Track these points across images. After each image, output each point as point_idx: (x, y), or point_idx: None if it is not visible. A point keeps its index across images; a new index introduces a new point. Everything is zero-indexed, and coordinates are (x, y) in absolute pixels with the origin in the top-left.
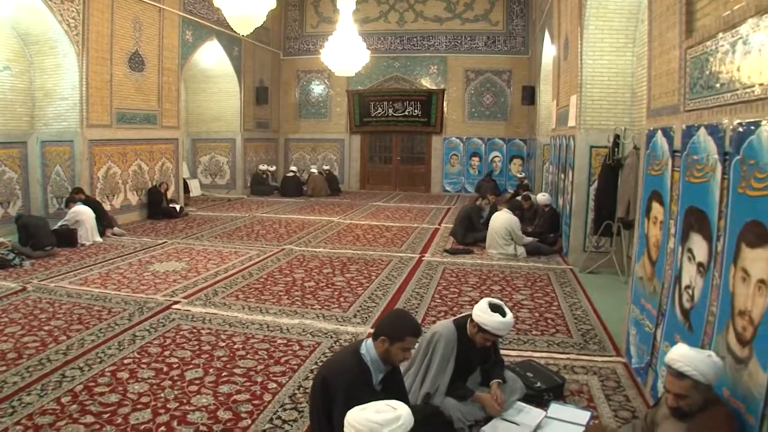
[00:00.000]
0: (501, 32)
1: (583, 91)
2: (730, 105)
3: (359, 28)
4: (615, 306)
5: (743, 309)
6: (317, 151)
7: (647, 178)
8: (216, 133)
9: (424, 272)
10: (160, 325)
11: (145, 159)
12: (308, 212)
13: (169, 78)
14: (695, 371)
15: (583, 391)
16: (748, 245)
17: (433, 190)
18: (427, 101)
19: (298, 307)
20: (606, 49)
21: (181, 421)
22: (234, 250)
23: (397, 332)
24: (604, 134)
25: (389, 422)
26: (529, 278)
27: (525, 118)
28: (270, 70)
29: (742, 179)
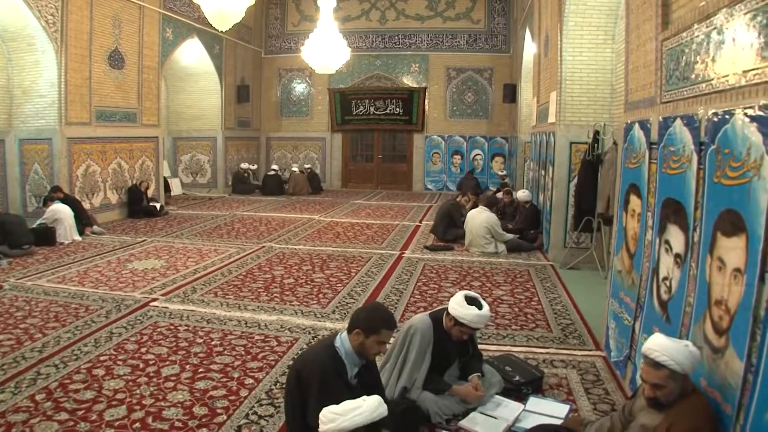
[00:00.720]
0: (482, 30)
1: (562, 88)
2: (705, 95)
3: (341, 27)
4: (595, 301)
5: (719, 298)
6: (299, 150)
7: (625, 171)
8: (197, 132)
9: (404, 269)
10: (138, 322)
11: (125, 157)
12: (289, 210)
13: (149, 76)
14: (672, 361)
15: (562, 385)
16: (723, 234)
17: (415, 188)
18: (409, 99)
19: (277, 303)
20: (585, 45)
21: (156, 417)
22: (214, 248)
23: (372, 325)
24: (584, 130)
25: (348, 411)
26: (509, 274)
27: (506, 116)
28: (251, 69)
29: (717, 168)
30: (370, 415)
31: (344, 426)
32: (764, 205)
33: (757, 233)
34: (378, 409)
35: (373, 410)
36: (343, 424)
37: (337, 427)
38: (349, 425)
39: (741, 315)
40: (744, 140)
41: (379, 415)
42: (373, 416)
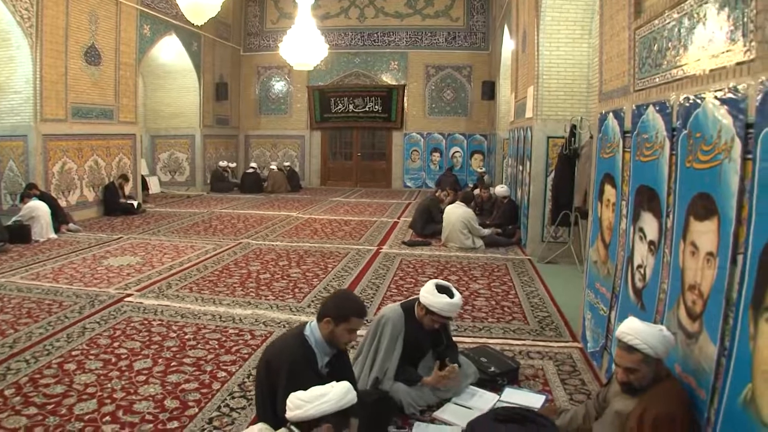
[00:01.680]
0: (461, 28)
1: (540, 82)
2: (677, 81)
3: (320, 24)
4: (572, 294)
5: (693, 283)
6: (278, 148)
7: (599, 162)
8: (175, 130)
9: (381, 263)
10: (111, 317)
11: (101, 155)
12: (267, 208)
13: (127, 72)
14: (645, 344)
15: (538, 376)
16: (696, 218)
17: (394, 185)
18: (388, 97)
19: (252, 298)
20: (562, 40)
21: (126, 410)
22: (190, 245)
23: (341, 313)
24: (561, 125)
25: (315, 398)
26: (487, 268)
27: (485, 114)
28: (230, 66)
29: (689, 153)
30: (337, 402)
31: (311, 413)
32: (735, 187)
33: (728, 215)
34: (346, 396)
35: (341, 397)
36: (310, 411)
37: (305, 413)
38: (315, 412)
39: (714, 299)
40: (715, 123)
41: (348, 402)
42: (341, 403)
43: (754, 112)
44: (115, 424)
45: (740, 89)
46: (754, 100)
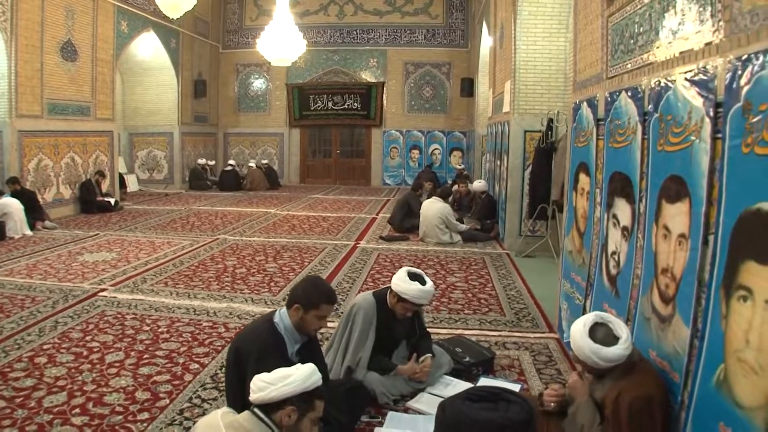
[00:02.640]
0: (441, 25)
1: (517, 77)
2: (648, 65)
3: (299, 22)
4: (549, 286)
5: (666, 266)
6: (257, 145)
7: (574, 151)
8: (153, 127)
9: (358, 258)
10: (84, 311)
11: (78, 151)
12: (245, 205)
13: (104, 69)
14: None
15: (513, 366)
16: (668, 201)
17: (374, 183)
18: (367, 94)
19: (227, 292)
20: (539, 34)
21: (97, 402)
22: (167, 241)
23: (311, 300)
24: (538, 119)
25: (278, 380)
26: (464, 262)
27: (464, 111)
28: (208, 63)
29: (660, 136)
30: (301, 384)
31: (273, 395)
32: (705, 167)
33: (699, 196)
34: (311, 378)
35: (305, 379)
36: (272, 393)
37: (267, 395)
38: (278, 394)
39: (686, 280)
40: (685, 105)
41: (312, 384)
42: (305, 385)
43: (723, 91)
44: (84, 416)
45: (709, 69)
46: (722, 80)
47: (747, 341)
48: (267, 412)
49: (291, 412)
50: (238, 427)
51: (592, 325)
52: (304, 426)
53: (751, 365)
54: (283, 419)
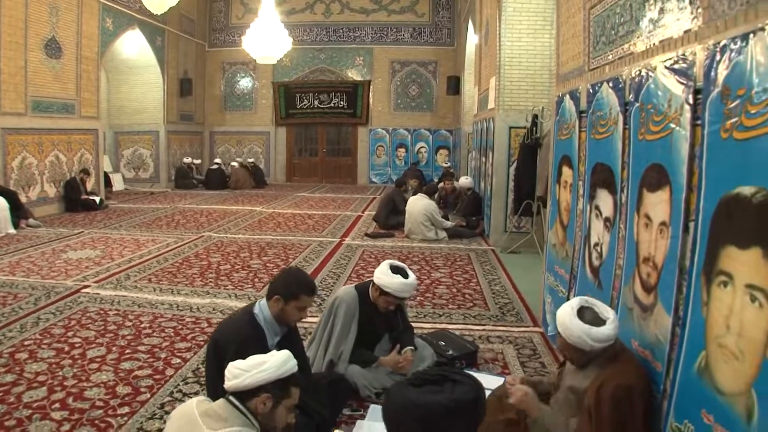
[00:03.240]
0: (427, 24)
1: (501, 73)
2: (629, 55)
3: (285, 20)
4: (534, 281)
5: (647, 255)
6: (243, 144)
7: (557, 144)
8: (139, 126)
9: (342, 254)
10: (67, 308)
11: (63, 149)
12: (231, 203)
13: (89, 66)
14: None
15: (497, 359)
16: (649, 190)
17: (360, 181)
18: (353, 93)
19: (211, 288)
20: (524, 31)
21: (77, 397)
22: (151, 238)
23: (291, 290)
24: (523, 115)
25: (252, 367)
26: (449, 258)
27: (450, 109)
28: (194, 62)
29: (641, 126)
30: (276, 370)
31: (248, 382)
32: (685, 154)
33: (679, 183)
34: (286, 364)
35: (280, 365)
36: (247, 380)
37: (242, 383)
38: (253, 381)
39: (668, 268)
40: (665, 93)
41: (288, 370)
42: (280, 372)
43: (701, 77)
44: (64, 411)
45: (688, 56)
46: (701, 66)
47: (728, 327)
48: (242, 399)
49: (266, 399)
50: (212, 414)
51: (579, 308)
52: (279, 413)
53: (732, 351)
54: (258, 407)
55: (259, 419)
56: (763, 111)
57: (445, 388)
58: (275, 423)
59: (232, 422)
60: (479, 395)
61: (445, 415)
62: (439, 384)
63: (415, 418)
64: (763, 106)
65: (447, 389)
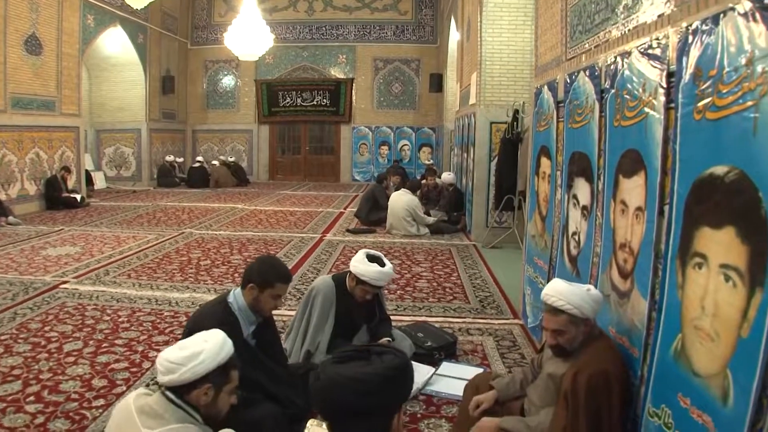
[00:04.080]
0: (410, 22)
1: (482, 68)
2: (605, 43)
3: (268, 18)
4: (515, 275)
5: (624, 241)
6: (225, 142)
7: (536, 136)
8: (121, 124)
9: (323, 250)
10: (45, 303)
11: (43, 147)
12: (213, 201)
13: (69, 63)
14: (569, 305)
15: (477, 351)
16: (624, 176)
17: (343, 179)
18: (336, 91)
19: (191, 283)
20: (505, 26)
21: (52, 390)
22: (132, 235)
23: (266, 278)
24: (504, 110)
25: (188, 359)
26: (431, 253)
27: (433, 106)
28: (177, 60)
29: (617, 112)
30: (215, 358)
31: (187, 376)
32: (660, 138)
33: (654, 166)
34: (223, 349)
35: (218, 352)
36: (186, 374)
37: (180, 377)
38: (192, 375)
39: (644, 253)
40: (640, 78)
41: (226, 355)
42: (219, 359)
43: (675, 60)
44: (38, 404)
45: (662, 40)
46: (674, 49)
47: (703, 308)
48: (180, 393)
49: (208, 390)
50: (149, 412)
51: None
52: (222, 400)
53: (707, 332)
54: (200, 399)
55: (202, 411)
56: (734, 90)
57: (372, 360)
58: (219, 409)
59: (168, 419)
60: (407, 361)
61: (381, 385)
62: (366, 358)
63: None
64: (734, 86)
65: (375, 361)
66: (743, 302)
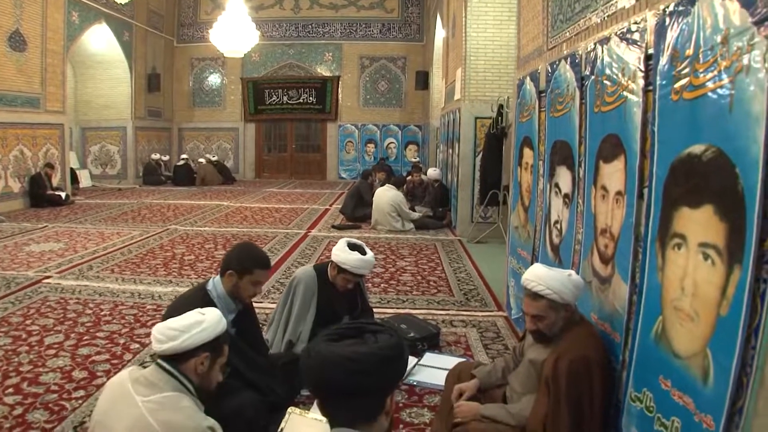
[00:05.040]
0: (396, 19)
1: (467, 63)
2: (585, 30)
3: (254, 15)
4: (500, 269)
5: (604, 227)
6: (211, 141)
7: (518, 127)
8: (106, 122)
9: (308, 245)
10: (26, 297)
11: (27, 144)
12: (199, 198)
13: (54, 60)
14: (548, 290)
15: (460, 342)
16: (605, 161)
17: (329, 177)
18: (322, 88)
19: (174, 277)
20: (490, 22)
21: (32, 382)
22: (116, 232)
23: (245, 265)
24: (489, 105)
25: (190, 327)
26: (415, 248)
27: (420, 104)
28: (163, 57)
29: (597, 98)
30: (214, 328)
31: (189, 343)
32: (638, 121)
33: (633, 150)
34: (221, 322)
35: (217, 323)
36: (187, 341)
37: (181, 344)
38: (193, 342)
39: (624, 237)
40: (619, 62)
41: (223, 327)
42: (218, 330)
43: (652, 43)
44: (17, 395)
45: (639, 23)
46: (652, 32)
47: (682, 289)
48: (175, 363)
49: (205, 359)
50: (143, 381)
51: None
52: (214, 373)
53: (687, 312)
54: (197, 368)
55: (196, 381)
56: (710, 69)
57: (366, 339)
58: (211, 382)
59: (163, 388)
60: (401, 341)
61: (375, 365)
62: (360, 336)
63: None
64: (710, 64)
65: (369, 340)
66: (722, 280)
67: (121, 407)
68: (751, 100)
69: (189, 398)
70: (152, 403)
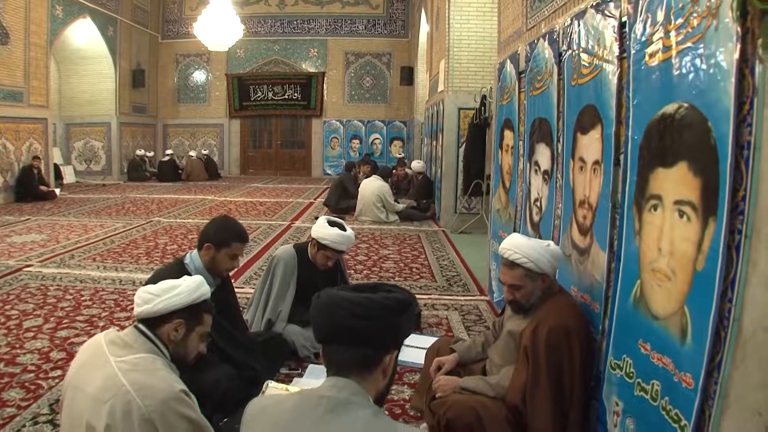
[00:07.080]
0: (381, 16)
1: (450, 54)
2: (562, 6)
3: (239, 11)
4: (483, 258)
5: (583, 198)
6: (196, 137)
7: (499, 110)
8: (90, 117)
9: (291, 235)
10: (7, 284)
11: (10, 138)
12: (183, 193)
13: (37, 54)
14: (525, 258)
15: (442, 324)
16: (582, 132)
17: (314, 173)
18: (307, 85)
19: (156, 264)
20: (473, 13)
21: (9, 362)
22: (99, 224)
23: (222, 238)
24: (472, 96)
25: (164, 291)
26: (399, 238)
27: (405, 100)
28: (147, 53)
29: (574, 71)
30: (189, 295)
31: (160, 307)
32: (614, 88)
33: (609, 117)
34: (199, 289)
35: (194, 290)
36: (159, 305)
37: (153, 308)
38: (165, 306)
39: (602, 206)
40: (595, 34)
41: (201, 295)
42: (194, 296)
43: (626, 11)
44: None
45: None
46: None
47: (659, 249)
48: (152, 326)
49: (178, 325)
50: (119, 342)
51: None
52: (191, 340)
53: (664, 272)
54: (170, 334)
55: (170, 348)
56: (680, 29)
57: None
58: (187, 351)
59: (137, 349)
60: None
61: (380, 311)
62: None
63: (350, 314)
64: (681, 24)
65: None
66: (698, 235)
67: (93, 367)
68: (721, 53)
69: (163, 361)
70: (125, 363)
